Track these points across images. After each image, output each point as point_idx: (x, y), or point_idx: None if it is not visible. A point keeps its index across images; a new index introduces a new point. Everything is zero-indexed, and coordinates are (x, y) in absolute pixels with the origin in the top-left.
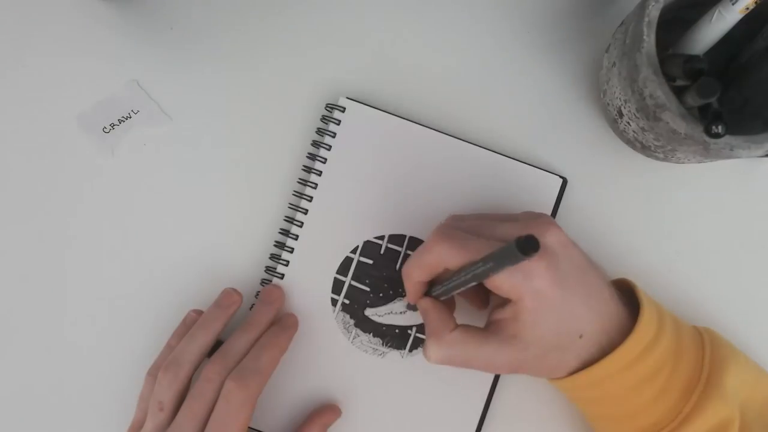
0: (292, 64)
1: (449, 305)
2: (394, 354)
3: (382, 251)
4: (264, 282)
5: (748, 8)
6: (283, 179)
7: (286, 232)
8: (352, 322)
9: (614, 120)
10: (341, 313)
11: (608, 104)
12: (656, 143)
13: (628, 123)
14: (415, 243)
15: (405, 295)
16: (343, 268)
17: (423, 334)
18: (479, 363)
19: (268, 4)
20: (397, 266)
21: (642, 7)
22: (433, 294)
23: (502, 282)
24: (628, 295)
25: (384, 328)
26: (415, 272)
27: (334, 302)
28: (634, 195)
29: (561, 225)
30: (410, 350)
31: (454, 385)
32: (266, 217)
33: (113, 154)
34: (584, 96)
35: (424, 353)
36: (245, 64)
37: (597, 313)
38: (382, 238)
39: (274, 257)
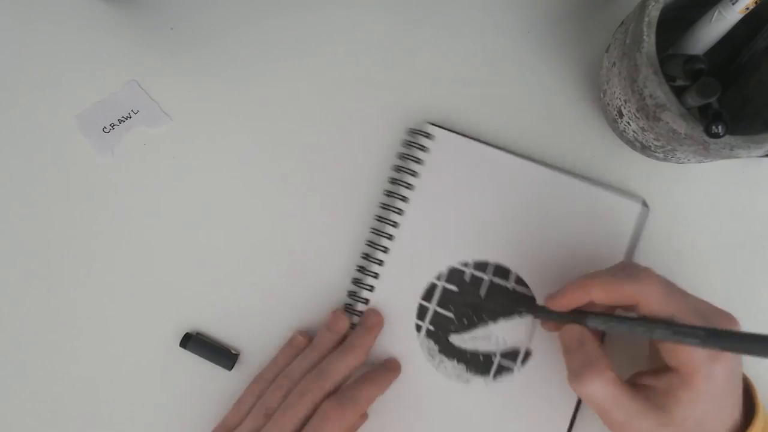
0: (297, 66)
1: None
2: (478, 380)
3: (466, 278)
4: (348, 307)
5: (748, 8)
6: (290, 177)
7: (367, 257)
8: (436, 348)
9: (614, 120)
10: (426, 340)
11: (608, 104)
12: (656, 143)
13: (628, 123)
14: (499, 270)
15: (490, 321)
16: (428, 294)
17: (507, 359)
18: (621, 416)
19: (268, 5)
20: (481, 293)
21: (642, 7)
22: (589, 325)
23: (683, 350)
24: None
25: (468, 354)
26: (598, 291)
27: (418, 328)
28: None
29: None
30: (494, 377)
31: (536, 413)
32: (276, 219)
33: (113, 154)
34: (584, 96)
35: (576, 380)
36: (246, 63)
37: (733, 407)
38: (466, 264)
39: (357, 282)
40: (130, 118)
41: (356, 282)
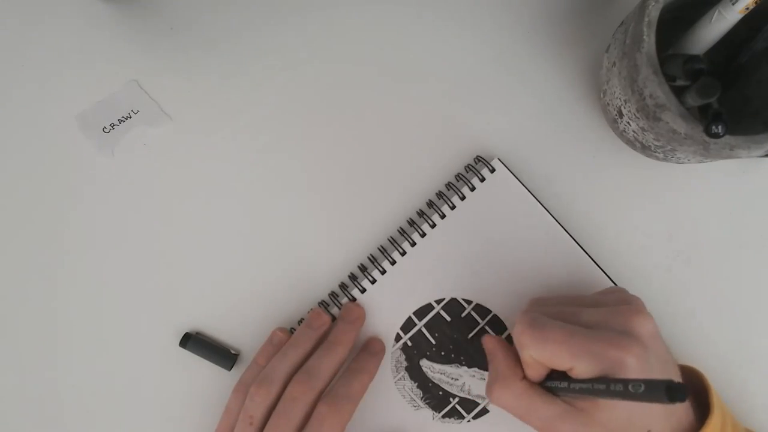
0: (298, 66)
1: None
2: (426, 412)
3: (463, 314)
4: (323, 303)
5: (748, 8)
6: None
7: (373, 261)
8: (405, 364)
9: (614, 120)
10: (398, 351)
11: (608, 104)
12: (656, 143)
13: (628, 123)
14: (496, 322)
15: (465, 365)
16: (421, 312)
17: (462, 407)
18: (539, 422)
19: (269, 5)
20: (470, 335)
21: (642, 7)
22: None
23: (590, 364)
24: (692, 384)
25: (430, 384)
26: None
27: (398, 338)
28: (634, 195)
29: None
30: (443, 416)
31: None
32: (276, 220)
33: (113, 154)
34: (584, 96)
35: (488, 393)
36: (246, 63)
37: (671, 410)
38: (469, 302)
39: (353, 278)
40: (130, 118)
41: (352, 277)
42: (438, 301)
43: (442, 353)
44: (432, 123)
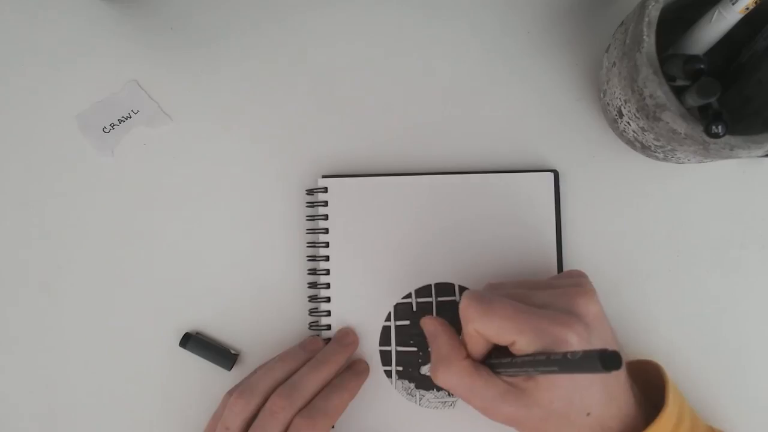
0: (298, 66)
1: (456, 331)
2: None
3: (414, 309)
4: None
5: (748, 8)
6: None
7: (316, 309)
8: (412, 385)
9: (614, 120)
10: (399, 382)
11: (608, 104)
12: (656, 143)
13: (628, 123)
14: (442, 288)
15: None
16: (384, 339)
17: None
18: (480, 402)
19: (268, 5)
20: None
21: (642, 7)
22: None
23: (533, 338)
24: (651, 378)
25: None
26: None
27: (388, 374)
28: (634, 195)
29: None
30: None
31: None
32: (276, 219)
33: (113, 154)
34: (584, 96)
35: (432, 374)
36: (246, 63)
37: (610, 396)
38: (409, 296)
39: (314, 325)
40: (130, 118)
41: (313, 326)
42: (387, 318)
43: (429, 349)
44: (432, 123)
